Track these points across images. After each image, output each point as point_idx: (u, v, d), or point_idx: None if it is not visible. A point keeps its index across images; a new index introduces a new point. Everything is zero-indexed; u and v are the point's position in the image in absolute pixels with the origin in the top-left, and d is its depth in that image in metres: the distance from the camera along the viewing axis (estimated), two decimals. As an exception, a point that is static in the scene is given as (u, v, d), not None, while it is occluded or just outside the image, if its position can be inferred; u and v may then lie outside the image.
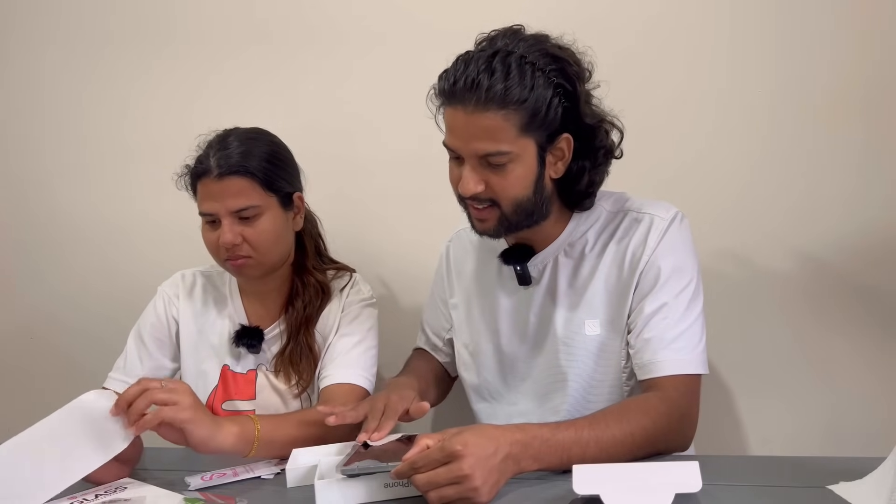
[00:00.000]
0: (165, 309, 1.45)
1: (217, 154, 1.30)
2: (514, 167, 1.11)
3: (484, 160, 1.11)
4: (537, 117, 1.08)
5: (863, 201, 1.47)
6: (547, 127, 1.10)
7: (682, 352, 1.13)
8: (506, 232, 1.19)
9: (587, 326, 1.21)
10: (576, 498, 0.90)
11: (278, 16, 1.76)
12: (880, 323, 1.48)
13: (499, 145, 1.09)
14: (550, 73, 1.08)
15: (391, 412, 1.10)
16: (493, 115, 1.07)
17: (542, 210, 1.18)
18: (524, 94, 1.06)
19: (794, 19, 1.47)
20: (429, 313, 1.47)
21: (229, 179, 1.28)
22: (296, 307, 1.39)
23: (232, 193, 1.29)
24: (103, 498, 1.05)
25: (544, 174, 1.15)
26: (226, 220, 1.29)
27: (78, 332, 1.94)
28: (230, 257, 1.31)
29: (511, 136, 1.09)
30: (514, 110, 1.07)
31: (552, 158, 1.15)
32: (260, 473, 1.13)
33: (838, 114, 1.46)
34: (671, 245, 1.17)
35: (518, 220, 1.17)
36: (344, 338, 1.38)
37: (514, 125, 1.08)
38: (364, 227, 1.73)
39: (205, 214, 1.32)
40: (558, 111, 1.10)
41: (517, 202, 1.14)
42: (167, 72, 1.84)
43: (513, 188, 1.13)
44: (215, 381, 1.42)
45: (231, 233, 1.29)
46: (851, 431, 1.51)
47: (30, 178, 1.97)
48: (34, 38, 1.92)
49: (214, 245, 1.32)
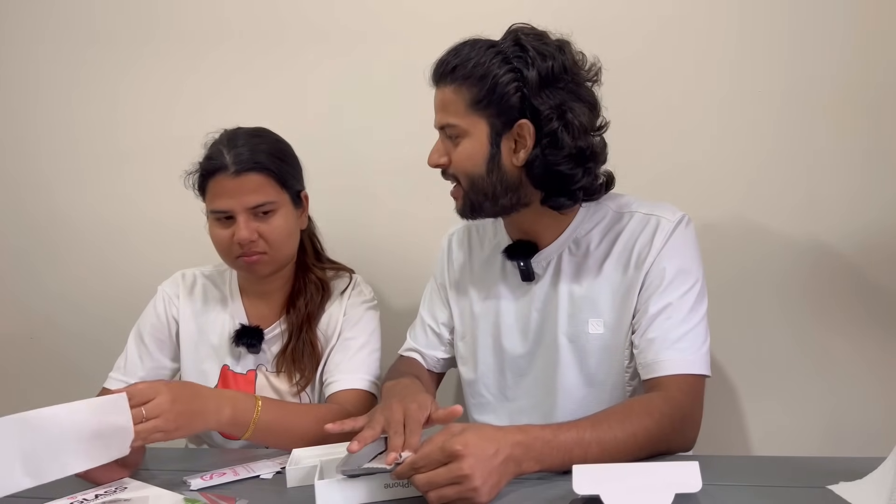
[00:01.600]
0: (165, 309, 1.45)
1: (232, 151, 1.30)
2: (464, 142, 1.17)
3: (444, 133, 1.19)
4: (488, 97, 1.13)
5: (865, 202, 1.47)
6: (500, 109, 1.13)
7: (686, 352, 1.13)
8: (472, 213, 1.22)
9: (591, 325, 1.21)
10: (576, 498, 0.90)
11: (274, 15, 1.76)
12: (881, 324, 1.48)
13: (448, 118, 1.17)
14: (514, 58, 1.12)
15: (414, 425, 1.01)
16: (447, 88, 1.17)
17: (509, 197, 1.18)
18: (475, 71, 1.13)
19: (801, 19, 1.47)
20: (430, 305, 1.41)
21: (246, 176, 1.29)
22: (297, 306, 1.39)
23: (249, 190, 1.29)
24: (103, 498, 1.04)
25: (499, 157, 1.16)
26: (242, 217, 1.30)
27: (77, 333, 1.94)
28: (244, 254, 1.31)
29: (460, 110, 1.15)
30: (464, 86, 1.14)
31: (511, 144, 1.16)
32: (260, 473, 1.12)
33: (843, 114, 1.46)
34: (677, 247, 1.18)
35: (479, 201, 1.19)
36: (347, 342, 1.38)
37: (462, 100, 1.15)
38: (360, 228, 1.73)
39: (217, 212, 1.31)
40: (513, 96, 1.12)
41: (470, 179, 1.18)
42: (161, 72, 1.84)
43: (462, 163, 1.18)
44: (215, 381, 1.42)
45: (247, 229, 1.29)
46: (851, 431, 1.51)
47: (26, 181, 1.97)
48: (24, 39, 1.92)
49: (227, 242, 1.32)
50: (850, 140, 1.47)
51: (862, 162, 1.47)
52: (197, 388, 1.15)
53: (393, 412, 1.03)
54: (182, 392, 1.09)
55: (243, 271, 1.39)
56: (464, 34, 1.19)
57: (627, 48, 1.52)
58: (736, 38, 1.51)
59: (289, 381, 1.39)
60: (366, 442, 1.00)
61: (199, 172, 1.34)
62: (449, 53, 1.17)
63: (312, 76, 1.74)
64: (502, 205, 1.19)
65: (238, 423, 1.16)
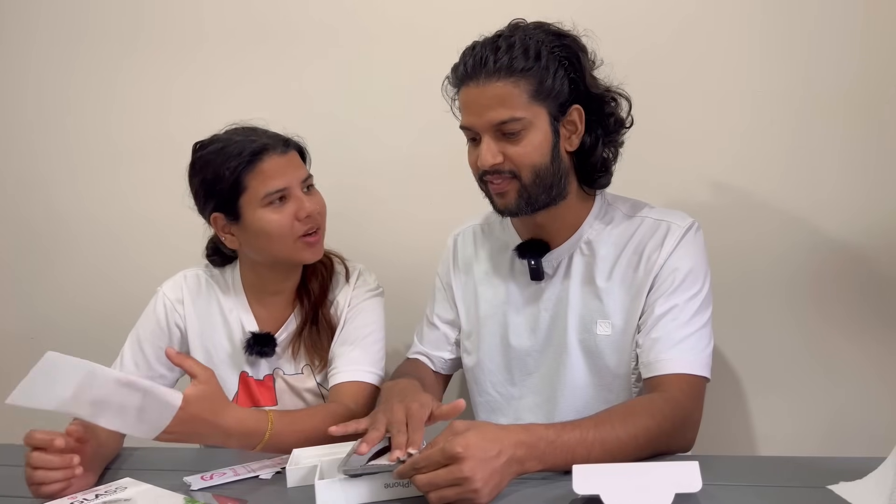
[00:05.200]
0: (167, 315, 1.41)
1: (268, 133, 1.35)
2: (529, 134, 1.15)
3: (499, 131, 1.16)
4: (545, 85, 1.14)
5: (869, 202, 1.47)
6: (556, 97, 1.15)
7: (689, 353, 1.14)
8: (526, 206, 1.20)
9: (599, 326, 1.22)
10: (576, 498, 0.90)
11: (274, 14, 1.75)
12: (884, 324, 1.48)
13: (512, 111, 1.14)
14: (553, 47, 1.15)
15: (416, 423, 1.03)
16: (503, 83, 1.13)
17: (561, 185, 1.20)
18: (529, 63, 1.13)
19: (805, 20, 1.47)
20: (436, 306, 1.42)
21: (293, 153, 1.36)
22: (311, 289, 1.39)
23: (298, 164, 1.35)
24: (103, 498, 1.05)
25: (559, 144, 1.18)
26: (297, 193, 1.32)
27: (77, 333, 1.94)
28: (307, 232, 1.32)
29: (522, 102, 1.14)
30: (522, 77, 1.13)
31: (565, 131, 1.18)
32: (260, 473, 1.12)
33: (848, 115, 1.46)
34: (686, 252, 1.19)
35: (537, 194, 1.18)
36: (352, 332, 1.37)
37: (524, 91, 1.13)
38: (360, 229, 1.73)
39: (272, 192, 1.29)
40: (564, 82, 1.15)
41: (536, 171, 1.17)
42: (156, 71, 1.84)
43: (530, 156, 1.16)
44: (234, 388, 1.40)
45: (311, 202, 1.33)
46: (852, 431, 1.51)
47: (23, 182, 1.97)
48: (17, 39, 1.92)
49: (288, 223, 1.30)
50: (855, 141, 1.47)
51: (867, 162, 1.46)
52: (210, 421, 1.07)
53: (395, 412, 1.05)
54: (193, 423, 1.05)
55: (301, 256, 1.34)
56: (469, 35, 1.19)
57: (627, 49, 1.52)
58: (738, 39, 1.51)
59: (310, 361, 1.37)
60: (373, 443, 1.01)
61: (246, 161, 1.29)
62: (490, 50, 1.14)
63: (311, 75, 1.74)
64: (553, 195, 1.20)
65: (248, 445, 1.12)
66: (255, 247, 1.34)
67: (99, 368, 0.98)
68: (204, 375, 1.06)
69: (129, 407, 0.99)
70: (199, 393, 1.04)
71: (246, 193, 1.29)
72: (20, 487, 1.07)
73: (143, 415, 1.00)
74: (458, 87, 1.19)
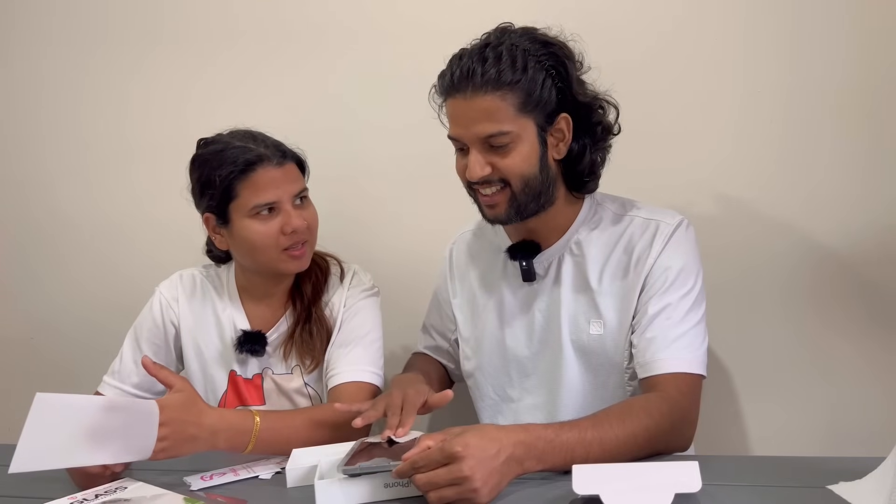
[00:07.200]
0: (163, 313, 1.43)
1: (265, 141, 1.34)
2: (517, 146, 1.15)
3: (486, 143, 1.16)
4: (532, 97, 1.14)
5: (867, 202, 1.47)
6: (543, 107, 1.15)
7: (684, 351, 1.14)
8: (516, 215, 1.20)
9: (592, 326, 1.22)
10: (576, 498, 0.90)
11: (279, 15, 1.76)
12: (882, 324, 1.48)
13: (500, 125, 1.13)
14: (541, 56, 1.14)
15: (410, 407, 1.10)
16: (490, 97, 1.13)
17: (549, 192, 1.21)
18: (516, 75, 1.12)
19: (804, 19, 1.47)
20: (433, 316, 1.47)
21: (290, 165, 1.35)
22: (304, 291, 1.39)
23: (294, 178, 1.34)
24: (103, 498, 1.04)
25: (547, 154, 1.18)
26: (288, 206, 1.32)
27: (77, 334, 1.94)
28: (293, 245, 1.31)
29: (510, 115, 1.13)
30: (509, 91, 1.12)
31: (553, 140, 1.18)
32: (260, 473, 1.13)
33: (846, 114, 1.46)
34: (676, 249, 1.20)
35: (527, 202, 1.19)
36: (349, 333, 1.37)
37: (511, 105, 1.13)
38: (360, 229, 1.73)
39: (260, 206, 1.29)
40: (552, 92, 1.14)
41: (525, 181, 1.17)
42: (165, 71, 1.84)
43: (518, 167, 1.16)
44: (224, 387, 1.41)
45: (298, 217, 1.32)
46: (852, 431, 1.51)
47: (30, 180, 1.97)
48: (31, 39, 1.92)
49: (273, 235, 1.30)
50: (852, 140, 1.47)
51: (864, 162, 1.46)
52: (192, 421, 1.09)
53: (393, 398, 1.13)
54: (176, 425, 1.07)
55: (285, 267, 1.34)
56: (465, 35, 1.19)
57: (627, 51, 1.53)
58: (736, 39, 1.51)
59: (301, 361, 1.38)
60: (370, 420, 1.10)
61: (239, 171, 1.29)
62: (477, 61, 1.13)
63: (321, 77, 1.74)
64: (542, 203, 1.21)
65: (239, 443, 1.14)
66: (240, 253, 1.36)
67: (83, 399, 1.02)
68: (179, 384, 1.11)
69: (118, 429, 1.02)
70: (175, 398, 1.08)
71: (236, 201, 1.30)
72: (20, 487, 1.07)
73: (132, 431, 1.03)
74: (445, 97, 1.18)
